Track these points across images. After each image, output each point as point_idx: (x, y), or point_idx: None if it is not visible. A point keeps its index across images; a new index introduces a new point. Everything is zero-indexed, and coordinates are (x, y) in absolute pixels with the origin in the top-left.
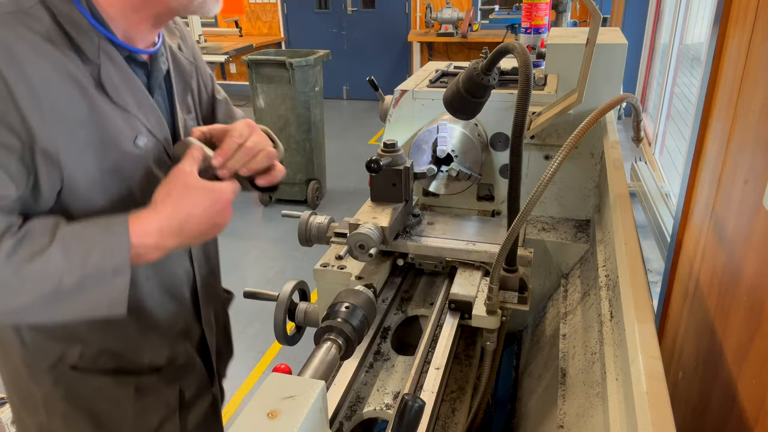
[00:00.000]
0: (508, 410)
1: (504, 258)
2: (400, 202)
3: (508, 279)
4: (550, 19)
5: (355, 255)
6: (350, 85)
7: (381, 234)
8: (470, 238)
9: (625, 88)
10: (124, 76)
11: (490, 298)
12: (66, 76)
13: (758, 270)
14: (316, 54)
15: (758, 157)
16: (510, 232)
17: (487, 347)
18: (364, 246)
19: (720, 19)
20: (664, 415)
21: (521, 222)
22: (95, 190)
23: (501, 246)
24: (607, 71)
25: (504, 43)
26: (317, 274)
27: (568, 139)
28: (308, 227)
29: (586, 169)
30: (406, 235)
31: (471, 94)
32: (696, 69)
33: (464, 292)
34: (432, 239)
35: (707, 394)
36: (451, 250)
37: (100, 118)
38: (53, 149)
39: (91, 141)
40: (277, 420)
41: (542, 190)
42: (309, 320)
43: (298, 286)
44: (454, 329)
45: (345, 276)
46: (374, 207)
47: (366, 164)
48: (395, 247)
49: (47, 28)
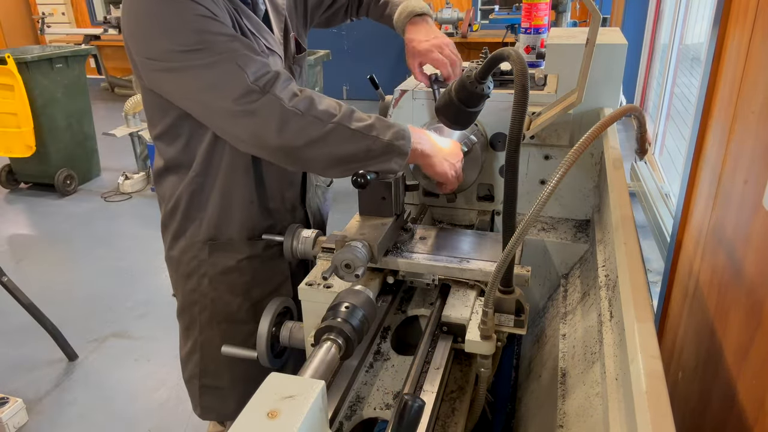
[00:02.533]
0: (508, 410)
1: (499, 280)
2: (391, 216)
3: (504, 301)
4: (549, 20)
5: (341, 275)
6: (350, 85)
7: (369, 252)
8: (464, 254)
9: (625, 88)
10: (246, 13)
11: (484, 322)
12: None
13: (758, 270)
14: (316, 54)
15: (758, 157)
16: (505, 253)
17: (482, 374)
18: (351, 266)
19: (720, 19)
20: (663, 415)
21: (517, 243)
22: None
23: (496, 267)
24: (607, 71)
25: (499, 49)
26: (302, 292)
27: (569, 153)
28: (294, 242)
29: (586, 169)
30: (397, 252)
31: (464, 103)
32: (696, 69)
33: (458, 315)
34: (423, 256)
35: (707, 394)
36: (444, 268)
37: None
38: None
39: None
40: (277, 420)
41: (540, 208)
42: (294, 340)
43: (277, 310)
44: (446, 353)
45: (331, 295)
46: (363, 222)
47: (351, 179)
48: (384, 264)
49: None
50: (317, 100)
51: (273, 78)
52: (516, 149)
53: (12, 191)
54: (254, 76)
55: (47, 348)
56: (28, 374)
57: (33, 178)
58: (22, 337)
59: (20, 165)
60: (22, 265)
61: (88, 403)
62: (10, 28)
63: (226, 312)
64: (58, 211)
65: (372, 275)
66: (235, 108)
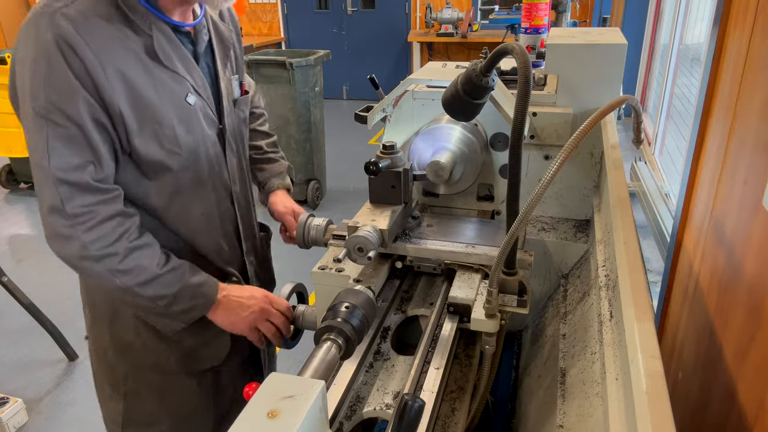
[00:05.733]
0: (508, 410)
1: (503, 261)
2: (400, 204)
3: (508, 282)
4: (549, 19)
5: (353, 258)
6: (350, 85)
7: (380, 237)
8: (469, 240)
9: (625, 88)
10: (173, 45)
11: (489, 301)
12: (123, 47)
13: (758, 270)
14: (316, 54)
15: (758, 157)
16: (509, 236)
17: (486, 350)
18: (363, 249)
19: (720, 19)
20: (664, 415)
21: (520, 225)
22: (153, 143)
23: (500, 249)
24: (607, 71)
25: (503, 44)
26: (315, 276)
27: (568, 141)
28: (306, 230)
29: (586, 169)
30: (405, 238)
31: (470, 95)
32: (696, 69)
33: (463, 295)
34: (431, 242)
35: (707, 394)
36: (450, 253)
37: (153, 80)
38: (116, 107)
39: (149, 99)
40: (277, 420)
41: (541, 193)
42: (307, 323)
43: (295, 288)
44: (453, 332)
45: (343, 279)
46: (373, 209)
47: (365, 166)
48: (394, 249)
49: (107, 11)
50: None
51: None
52: (521, 123)
53: (12, 191)
54: (71, 212)
55: (47, 348)
56: (28, 374)
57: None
58: (22, 337)
59: (20, 165)
60: (22, 265)
61: (88, 403)
62: (10, 28)
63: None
64: None
65: (381, 261)
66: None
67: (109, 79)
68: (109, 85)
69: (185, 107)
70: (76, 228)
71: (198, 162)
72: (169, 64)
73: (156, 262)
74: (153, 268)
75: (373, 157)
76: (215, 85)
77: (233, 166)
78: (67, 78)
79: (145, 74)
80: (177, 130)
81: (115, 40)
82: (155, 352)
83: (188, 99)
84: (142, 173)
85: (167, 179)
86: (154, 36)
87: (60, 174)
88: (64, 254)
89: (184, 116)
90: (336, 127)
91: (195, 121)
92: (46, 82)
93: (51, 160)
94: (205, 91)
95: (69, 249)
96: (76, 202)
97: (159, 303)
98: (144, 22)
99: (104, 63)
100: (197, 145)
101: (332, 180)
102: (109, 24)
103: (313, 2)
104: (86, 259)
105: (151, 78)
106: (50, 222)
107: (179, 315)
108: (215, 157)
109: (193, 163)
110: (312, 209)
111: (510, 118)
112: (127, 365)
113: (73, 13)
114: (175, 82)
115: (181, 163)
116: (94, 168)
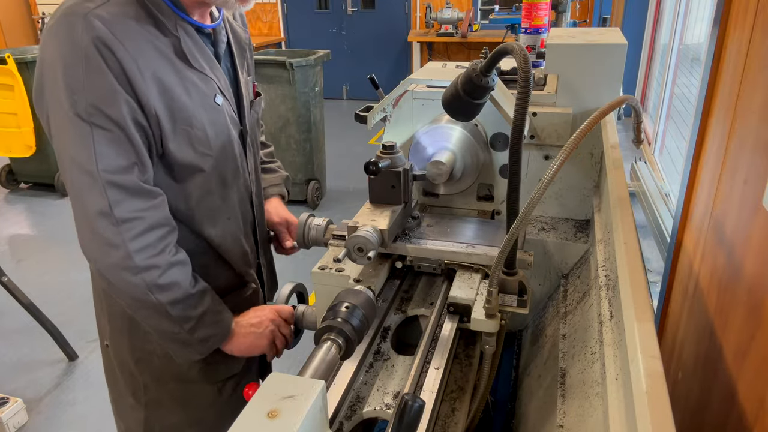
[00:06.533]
0: (508, 410)
1: (503, 261)
2: (399, 204)
3: (508, 282)
4: (549, 20)
5: (353, 258)
6: (350, 85)
7: (380, 237)
8: (469, 240)
9: (625, 88)
10: (198, 46)
11: (489, 301)
12: (155, 48)
13: (758, 270)
14: (316, 54)
15: (758, 157)
16: (509, 236)
17: (486, 350)
18: (363, 249)
19: (720, 19)
20: (664, 415)
21: (520, 225)
22: (185, 145)
23: (500, 249)
24: (607, 71)
25: (503, 44)
26: (315, 276)
27: (568, 141)
28: (306, 229)
29: (586, 169)
30: (405, 238)
31: (470, 95)
32: (696, 69)
33: (463, 295)
34: (431, 242)
35: (707, 394)
36: (450, 253)
37: (184, 81)
38: (152, 109)
39: (181, 101)
40: (277, 420)
41: (541, 193)
42: (307, 323)
43: (295, 288)
44: (453, 332)
45: (343, 279)
46: (373, 209)
47: (364, 166)
48: (394, 249)
49: (136, 11)
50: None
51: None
52: (521, 123)
53: (12, 191)
54: (120, 217)
55: (47, 348)
56: (28, 374)
57: (33, 178)
58: (22, 337)
59: (20, 165)
60: (22, 265)
61: (88, 403)
62: (10, 28)
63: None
64: (58, 211)
65: (381, 261)
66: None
67: (145, 80)
68: (145, 86)
69: (215, 108)
70: (123, 234)
71: (225, 163)
72: (197, 65)
73: (189, 281)
74: (186, 286)
75: (373, 157)
76: (235, 86)
77: (252, 168)
78: (107, 80)
79: (176, 76)
80: (208, 132)
81: (146, 41)
82: (176, 363)
83: (216, 100)
84: (171, 177)
85: (197, 181)
86: (180, 37)
87: (109, 177)
88: (104, 263)
89: (213, 117)
90: (336, 127)
91: (223, 122)
92: (85, 85)
93: (99, 163)
94: (228, 93)
95: (112, 257)
96: (124, 206)
97: (184, 326)
98: (170, 22)
99: (140, 65)
100: (225, 146)
101: (332, 180)
102: (139, 25)
103: (313, 2)
104: (127, 270)
105: (181, 79)
106: (97, 227)
107: (198, 344)
108: (239, 158)
109: (221, 164)
110: (312, 209)
111: (510, 118)
112: (148, 375)
113: (105, 14)
114: (204, 83)
115: (212, 164)
116: (138, 170)
